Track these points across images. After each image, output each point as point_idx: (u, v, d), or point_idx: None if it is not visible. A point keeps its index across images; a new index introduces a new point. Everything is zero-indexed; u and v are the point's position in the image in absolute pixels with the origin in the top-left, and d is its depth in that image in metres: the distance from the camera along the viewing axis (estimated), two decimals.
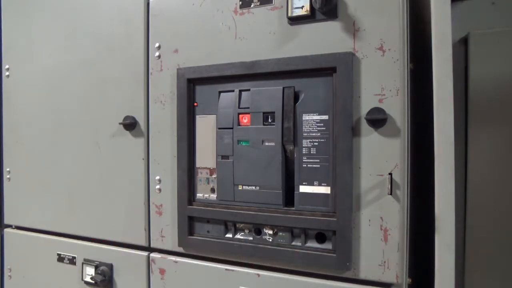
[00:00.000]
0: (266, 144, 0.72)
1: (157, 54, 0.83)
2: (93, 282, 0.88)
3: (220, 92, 0.77)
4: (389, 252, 0.64)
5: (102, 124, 0.90)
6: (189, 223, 0.80)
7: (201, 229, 0.80)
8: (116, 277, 0.89)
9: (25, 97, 1.03)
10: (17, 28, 1.04)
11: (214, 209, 0.77)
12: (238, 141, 0.75)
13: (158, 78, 0.83)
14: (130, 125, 0.85)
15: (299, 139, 0.70)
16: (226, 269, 0.76)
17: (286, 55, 0.71)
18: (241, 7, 0.75)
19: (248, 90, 0.74)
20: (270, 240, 0.73)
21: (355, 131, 0.66)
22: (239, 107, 0.75)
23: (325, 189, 0.69)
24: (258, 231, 0.74)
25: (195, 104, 0.80)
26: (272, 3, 0.72)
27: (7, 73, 1.06)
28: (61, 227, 0.98)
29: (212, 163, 0.78)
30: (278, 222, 0.71)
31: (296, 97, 0.71)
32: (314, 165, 0.69)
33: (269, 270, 0.73)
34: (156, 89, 0.84)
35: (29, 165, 1.03)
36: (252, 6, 0.74)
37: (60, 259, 0.96)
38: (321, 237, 0.70)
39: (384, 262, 0.64)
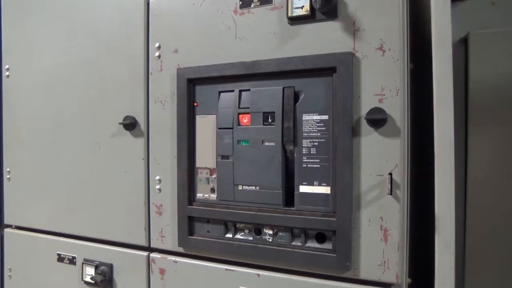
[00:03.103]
0: (266, 144, 0.72)
1: (157, 54, 0.83)
2: (93, 282, 0.88)
3: (220, 92, 0.77)
4: (389, 252, 0.64)
5: (102, 124, 0.90)
6: (189, 223, 0.80)
7: (201, 229, 0.80)
8: (116, 277, 0.89)
9: (25, 97, 1.03)
10: (17, 28, 1.04)
11: (214, 209, 0.77)
12: (238, 141, 0.75)
13: (158, 78, 0.83)
14: (130, 125, 0.85)
15: (299, 139, 0.70)
16: (226, 269, 0.76)
17: (286, 55, 0.71)
18: (241, 7, 0.75)
19: (248, 90, 0.74)
20: (270, 240, 0.73)
21: (355, 131, 0.66)
22: (239, 107, 0.75)
23: (325, 189, 0.69)
24: (258, 231, 0.74)
25: (195, 104, 0.80)
26: (272, 3, 0.72)
27: (7, 73, 1.06)
28: (61, 227, 0.98)
29: (212, 163, 0.78)
30: (278, 222, 0.71)
31: (296, 97, 0.71)
32: (314, 165, 0.69)
33: (269, 270, 0.73)
34: (156, 89, 0.84)
35: (29, 165, 1.03)
36: (252, 6, 0.74)
37: (60, 259, 0.96)
38: (321, 237, 0.70)
39: (384, 262, 0.65)
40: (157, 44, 0.83)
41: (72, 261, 0.95)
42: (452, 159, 0.60)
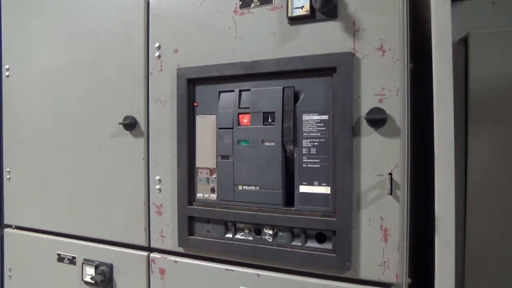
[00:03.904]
0: (266, 144, 0.72)
1: (157, 54, 0.83)
2: (93, 282, 0.88)
3: (220, 92, 0.77)
4: (389, 252, 0.64)
5: (102, 124, 0.90)
6: (189, 223, 0.80)
7: (201, 229, 0.80)
8: (116, 277, 0.89)
9: (25, 97, 1.03)
10: (17, 28, 1.04)
11: (214, 209, 0.77)
12: (238, 141, 0.75)
13: (158, 78, 0.83)
14: (130, 125, 0.85)
15: (299, 139, 0.70)
16: (226, 269, 0.76)
17: (286, 55, 0.71)
18: (241, 7, 0.75)
19: (248, 90, 0.74)
20: (270, 240, 0.73)
21: (355, 131, 0.66)
22: (239, 107, 0.75)
23: (325, 189, 0.69)
24: (258, 231, 0.74)
25: (195, 104, 0.80)
26: (272, 3, 0.72)
27: (7, 73, 1.06)
28: (61, 227, 0.98)
29: (212, 163, 0.78)
30: (278, 222, 0.71)
31: (296, 97, 0.71)
32: (314, 165, 0.69)
33: (269, 270, 0.73)
34: (156, 89, 0.84)
35: (29, 165, 1.03)
36: (252, 6, 0.74)
37: (60, 259, 0.96)
38: (321, 237, 0.70)
39: (384, 262, 0.65)
40: (157, 44, 0.83)
41: (72, 261, 0.95)
42: (452, 159, 0.60)
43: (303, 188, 0.70)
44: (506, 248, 0.75)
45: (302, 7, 0.69)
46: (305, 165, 0.70)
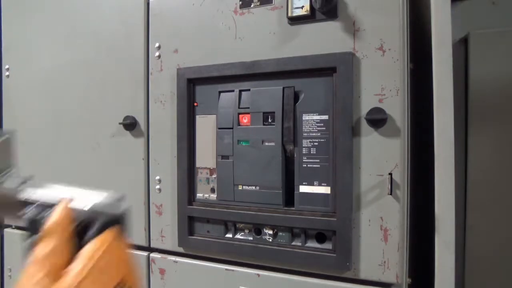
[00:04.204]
0: (266, 144, 0.72)
1: (157, 54, 0.83)
2: None
3: (220, 92, 0.77)
4: (389, 252, 0.64)
5: (102, 124, 0.90)
6: (189, 223, 0.80)
7: (201, 229, 0.80)
8: None
9: (25, 97, 1.03)
10: (17, 28, 1.04)
11: (214, 209, 0.77)
12: (238, 141, 0.75)
13: (158, 78, 0.83)
14: (130, 125, 0.85)
15: (299, 139, 0.70)
16: (226, 269, 0.76)
17: (286, 55, 0.71)
18: (241, 7, 0.75)
19: (248, 90, 0.74)
20: (270, 240, 0.73)
21: (355, 131, 0.66)
22: (239, 107, 0.75)
23: (325, 189, 0.69)
24: (258, 231, 0.74)
25: (195, 104, 0.80)
26: (272, 3, 0.72)
27: (7, 73, 1.06)
28: None
29: (212, 163, 0.78)
30: (278, 222, 0.71)
31: (296, 97, 0.71)
32: (314, 165, 0.69)
33: (269, 270, 0.73)
34: (156, 89, 0.84)
35: (29, 165, 1.02)
36: (252, 6, 0.74)
37: None
38: (321, 237, 0.70)
39: (384, 262, 0.64)
40: (157, 44, 0.83)
41: None
42: (452, 159, 0.60)
43: (303, 188, 0.70)
44: (506, 248, 0.75)
45: (302, 7, 0.69)
46: (305, 165, 0.70)
